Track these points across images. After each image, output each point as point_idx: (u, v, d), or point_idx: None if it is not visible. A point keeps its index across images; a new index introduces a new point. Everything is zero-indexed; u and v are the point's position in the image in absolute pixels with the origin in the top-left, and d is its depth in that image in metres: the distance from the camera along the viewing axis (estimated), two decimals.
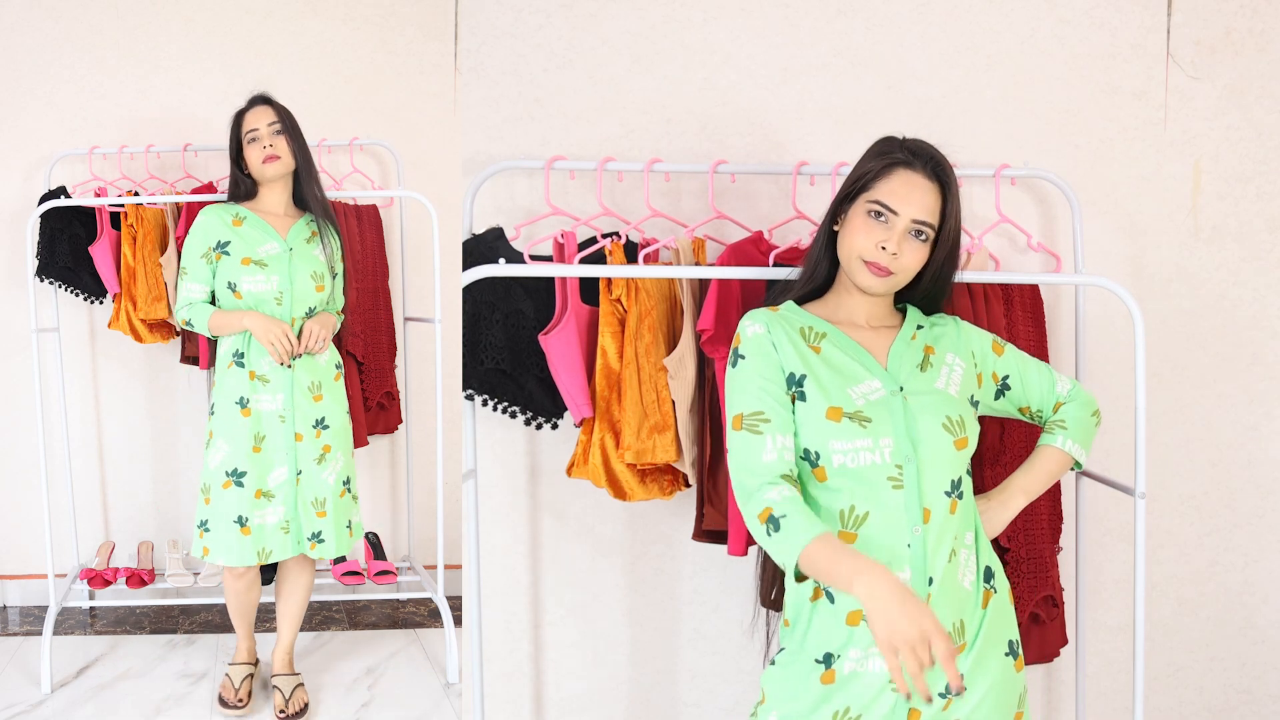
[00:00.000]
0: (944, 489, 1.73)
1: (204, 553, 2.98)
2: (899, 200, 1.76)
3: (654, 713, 2.62)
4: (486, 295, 2.34)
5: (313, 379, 3.00)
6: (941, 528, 1.71)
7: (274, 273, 2.95)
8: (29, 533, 3.95)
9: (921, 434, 1.73)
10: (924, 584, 1.70)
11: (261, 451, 2.96)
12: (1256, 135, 2.65)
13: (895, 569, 1.69)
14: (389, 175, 4.00)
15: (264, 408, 2.96)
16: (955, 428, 1.75)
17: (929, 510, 1.71)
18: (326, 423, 3.02)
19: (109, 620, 3.85)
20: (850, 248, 1.78)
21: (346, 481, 3.08)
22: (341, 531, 3.05)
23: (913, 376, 1.80)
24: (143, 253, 3.66)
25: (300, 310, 2.98)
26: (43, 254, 3.72)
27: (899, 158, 1.79)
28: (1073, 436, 1.92)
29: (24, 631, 3.77)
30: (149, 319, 3.70)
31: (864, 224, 1.77)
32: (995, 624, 1.77)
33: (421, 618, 3.93)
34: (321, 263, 3.02)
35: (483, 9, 2.46)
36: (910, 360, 1.82)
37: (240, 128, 2.99)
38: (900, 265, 1.77)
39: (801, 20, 2.51)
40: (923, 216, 1.76)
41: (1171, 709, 2.76)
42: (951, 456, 1.74)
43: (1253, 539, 2.74)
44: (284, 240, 2.99)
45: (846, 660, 1.71)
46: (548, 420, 2.42)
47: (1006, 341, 1.93)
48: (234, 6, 3.94)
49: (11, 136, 3.90)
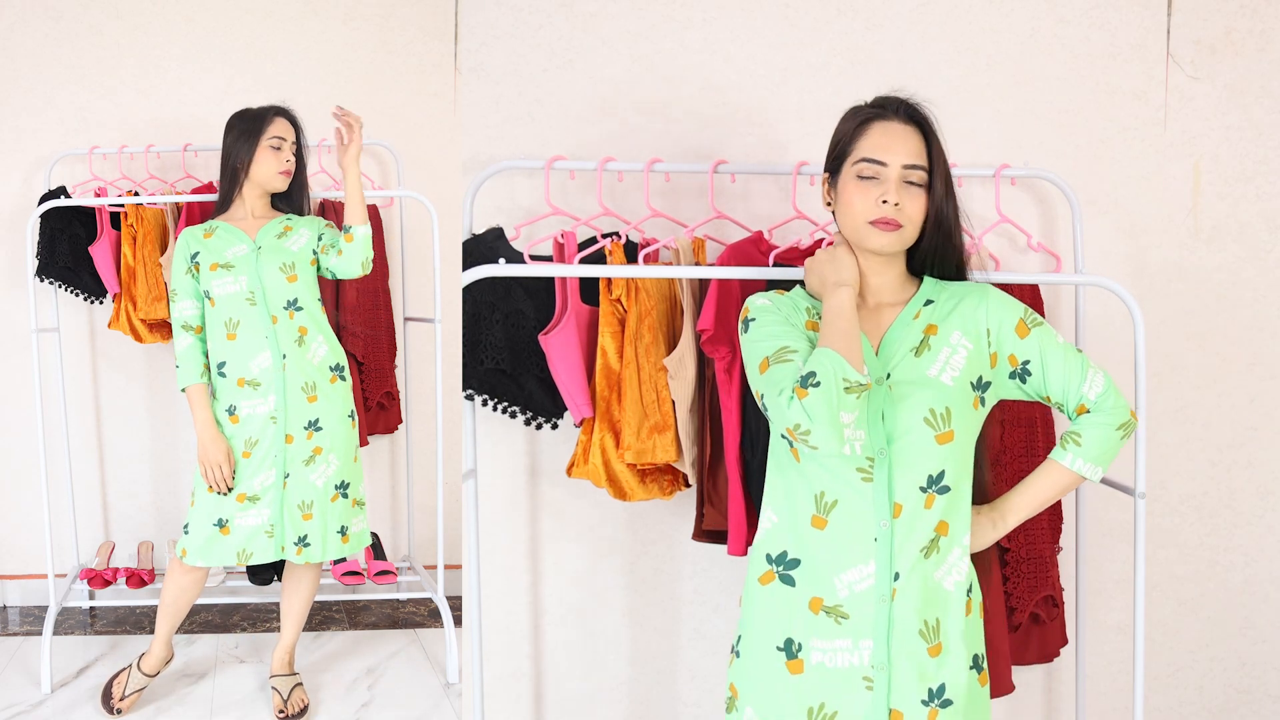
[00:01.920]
0: (919, 484, 1.68)
1: (182, 554, 2.94)
2: (883, 150, 1.71)
3: (654, 713, 2.62)
4: (486, 295, 2.34)
5: (306, 380, 2.95)
6: (913, 523, 1.68)
7: (241, 273, 2.92)
8: (29, 533, 3.95)
9: (899, 427, 1.68)
10: (889, 578, 1.68)
11: (250, 457, 2.93)
12: (1256, 135, 2.65)
13: (860, 561, 1.68)
14: (389, 175, 4.00)
15: (256, 411, 2.93)
16: (939, 421, 1.69)
17: (900, 505, 1.68)
18: (320, 425, 2.96)
19: (109, 620, 3.85)
20: (852, 216, 1.73)
21: (343, 486, 3.01)
22: (331, 536, 2.99)
23: (904, 363, 1.72)
24: (143, 253, 3.66)
25: (278, 305, 2.93)
26: (43, 254, 3.72)
27: (871, 113, 1.76)
28: (1086, 455, 1.77)
29: (24, 631, 3.77)
30: (149, 319, 3.70)
31: (858, 187, 1.72)
32: (971, 635, 1.74)
33: (421, 618, 3.93)
34: (294, 252, 2.96)
35: (483, 9, 2.46)
36: (906, 343, 1.74)
37: (262, 130, 2.95)
38: (906, 215, 1.71)
39: (801, 20, 2.51)
40: (911, 160, 1.71)
41: (1171, 709, 2.76)
42: (932, 451, 1.68)
43: (1253, 539, 2.74)
44: (253, 240, 2.97)
45: (813, 650, 1.70)
46: (548, 420, 2.42)
47: (1042, 321, 1.77)
48: (234, 6, 3.94)
49: (11, 136, 3.90)
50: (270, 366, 2.92)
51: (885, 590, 1.68)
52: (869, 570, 1.68)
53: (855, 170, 1.73)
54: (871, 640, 1.68)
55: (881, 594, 1.68)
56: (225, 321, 2.93)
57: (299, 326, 2.95)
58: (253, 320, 2.92)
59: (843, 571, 1.69)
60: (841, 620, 1.69)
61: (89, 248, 3.71)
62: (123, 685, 3.10)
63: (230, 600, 3.79)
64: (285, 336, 2.93)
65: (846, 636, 1.68)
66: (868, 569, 1.68)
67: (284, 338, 2.93)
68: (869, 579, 1.68)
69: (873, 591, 1.68)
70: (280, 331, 2.93)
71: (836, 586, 1.69)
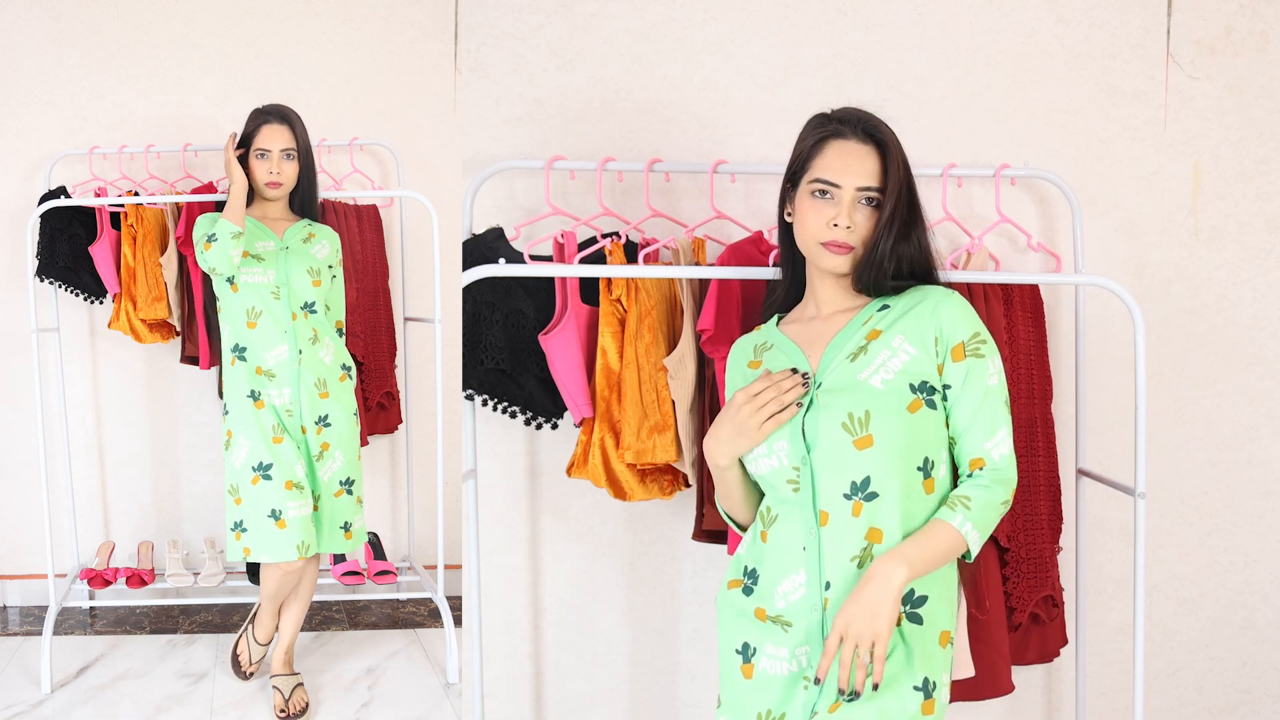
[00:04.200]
0: (843, 491, 1.66)
1: (245, 553, 2.95)
2: (837, 172, 1.69)
3: (654, 713, 2.62)
4: (486, 295, 2.34)
5: (319, 376, 3.02)
6: (841, 531, 1.66)
7: (270, 267, 2.97)
8: (29, 533, 3.95)
9: (817, 435, 1.67)
10: (819, 587, 1.67)
11: (282, 442, 2.97)
12: (1256, 135, 2.65)
13: (793, 571, 1.69)
14: (389, 175, 4.00)
15: (273, 401, 2.98)
16: (856, 426, 1.65)
17: (826, 513, 1.67)
18: (329, 421, 3.04)
19: (109, 620, 3.85)
20: (805, 234, 1.72)
21: (348, 482, 3.08)
22: (335, 531, 3.05)
23: (838, 369, 1.70)
24: (143, 253, 3.66)
25: (298, 304, 3.00)
26: (43, 254, 3.72)
27: (829, 129, 1.73)
28: (974, 520, 1.66)
29: (24, 631, 3.77)
30: (149, 319, 3.70)
31: (811, 206, 1.70)
32: (918, 654, 1.67)
33: (421, 618, 3.93)
34: (319, 260, 3.04)
35: (483, 9, 2.46)
36: (845, 350, 1.72)
37: (250, 138, 2.96)
38: (858, 236, 1.69)
39: (801, 20, 2.51)
40: (865, 182, 1.69)
41: (1171, 709, 2.76)
42: (851, 457, 1.65)
43: (1253, 539, 2.74)
44: (280, 239, 3.02)
45: (763, 656, 1.73)
46: (548, 420, 2.42)
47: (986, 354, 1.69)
48: (234, 6, 3.94)
49: (11, 136, 3.90)
50: (287, 360, 2.98)
51: (816, 599, 1.68)
52: (800, 580, 1.69)
53: (811, 188, 1.72)
54: (808, 647, 1.70)
55: (813, 603, 1.68)
56: (248, 310, 2.98)
57: (312, 327, 3.02)
58: (275, 313, 2.98)
59: (780, 582, 1.72)
60: (786, 628, 1.71)
61: (89, 248, 3.72)
62: (247, 655, 3.25)
63: (230, 600, 3.79)
64: (302, 334, 3.00)
65: (786, 645, 1.71)
66: (799, 578, 1.69)
67: (301, 334, 3.00)
68: (800, 589, 1.69)
69: (805, 601, 1.69)
70: (299, 328, 2.99)
71: (775, 596, 1.72)
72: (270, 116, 2.98)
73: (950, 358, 1.70)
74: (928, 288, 1.74)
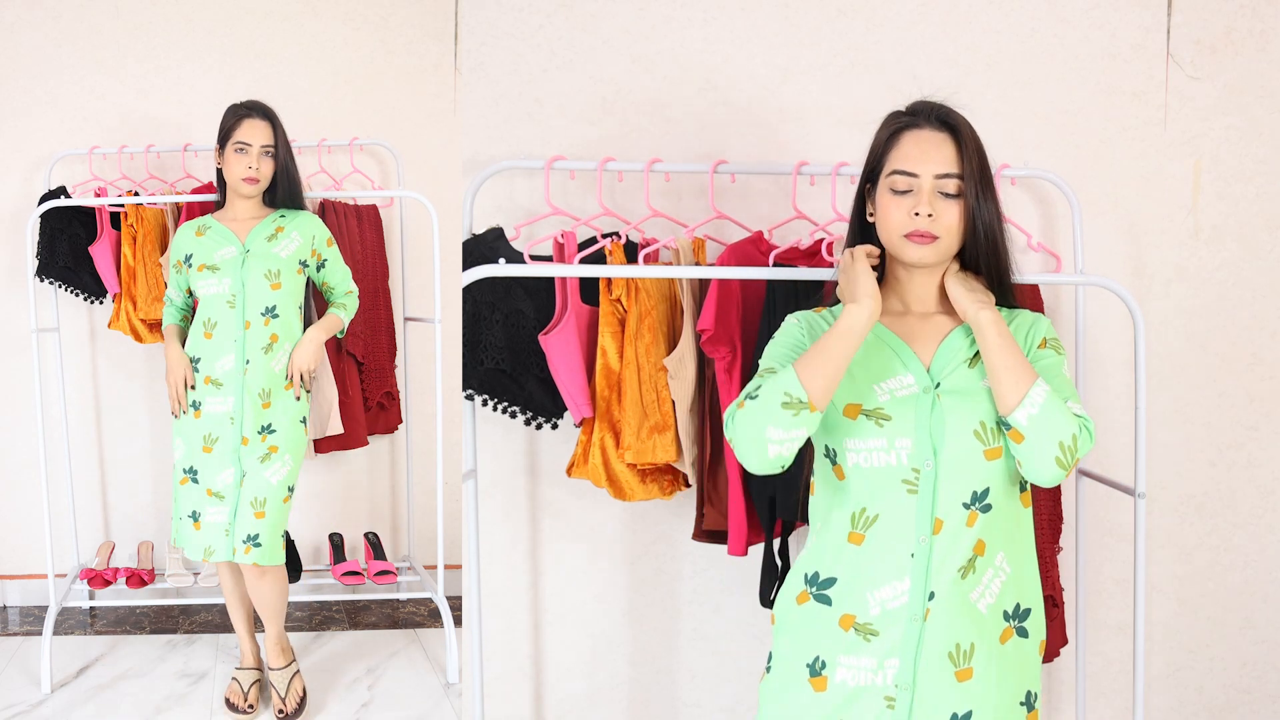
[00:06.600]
0: (963, 500, 1.62)
1: (173, 540, 3.07)
2: (914, 161, 1.67)
3: (654, 713, 2.62)
4: (486, 295, 2.34)
5: (264, 386, 2.98)
6: (953, 540, 1.62)
7: (225, 275, 2.97)
8: (29, 533, 3.95)
9: (947, 437, 1.63)
10: (923, 597, 1.62)
11: (211, 452, 2.98)
12: (1256, 135, 2.65)
13: (896, 578, 1.63)
14: (389, 175, 4.00)
15: (215, 409, 2.97)
16: (988, 435, 1.63)
17: (941, 520, 1.62)
18: (273, 428, 3.00)
19: (109, 620, 3.85)
20: (888, 228, 1.68)
21: (291, 490, 3.03)
22: (278, 540, 3.00)
23: (956, 373, 1.67)
24: (143, 253, 3.65)
25: (255, 310, 2.97)
26: (43, 254, 3.71)
27: (902, 122, 1.72)
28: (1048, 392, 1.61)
29: (24, 631, 3.77)
30: (149, 319, 3.70)
31: (892, 201, 1.68)
32: (1010, 667, 1.67)
33: (421, 618, 3.93)
34: (281, 259, 3.00)
35: (483, 9, 2.46)
36: (960, 354, 1.69)
37: (229, 133, 2.97)
38: (942, 226, 1.66)
39: (801, 20, 2.51)
40: (943, 169, 1.67)
41: (1171, 709, 2.76)
42: (979, 465, 1.63)
43: (1253, 539, 2.74)
44: (242, 244, 3.00)
45: (838, 667, 1.66)
46: (548, 420, 2.42)
47: (1064, 356, 1.71)
48: (234, 6, 3.94)
49: (11, 136, 3.90)
50: (233, 369, 2.97)
51: (918, 609, 1.62)
52: (903, 587, 1.63)
53: (889, 183, 1.69)
54: (898, 659, 1.63)
55: (914, 613, 1.63)
56: (205, 321, 2.99)
57: (270, 334, 2.99)
58: (228, 323, 2.97)
59: (877, 588, 1.64)
60: (870, 638, 1.64)
61: (89, 248, 3.71)
62: (240, 693, 3.15)
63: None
64: (254, 342, 2.97)
65: (872, 655, 1.64)
66: (902, 586, 1.63)
67: (252, 343, 2.97)
68: (902, 596, 1.63)
69: (905, 610, 1.63)
70: (250, 337, 2.97)
71: (869, 603, 1.64)
72: (251, 111, 2.99)
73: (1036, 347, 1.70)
74: (1021, 310, 1.75)
